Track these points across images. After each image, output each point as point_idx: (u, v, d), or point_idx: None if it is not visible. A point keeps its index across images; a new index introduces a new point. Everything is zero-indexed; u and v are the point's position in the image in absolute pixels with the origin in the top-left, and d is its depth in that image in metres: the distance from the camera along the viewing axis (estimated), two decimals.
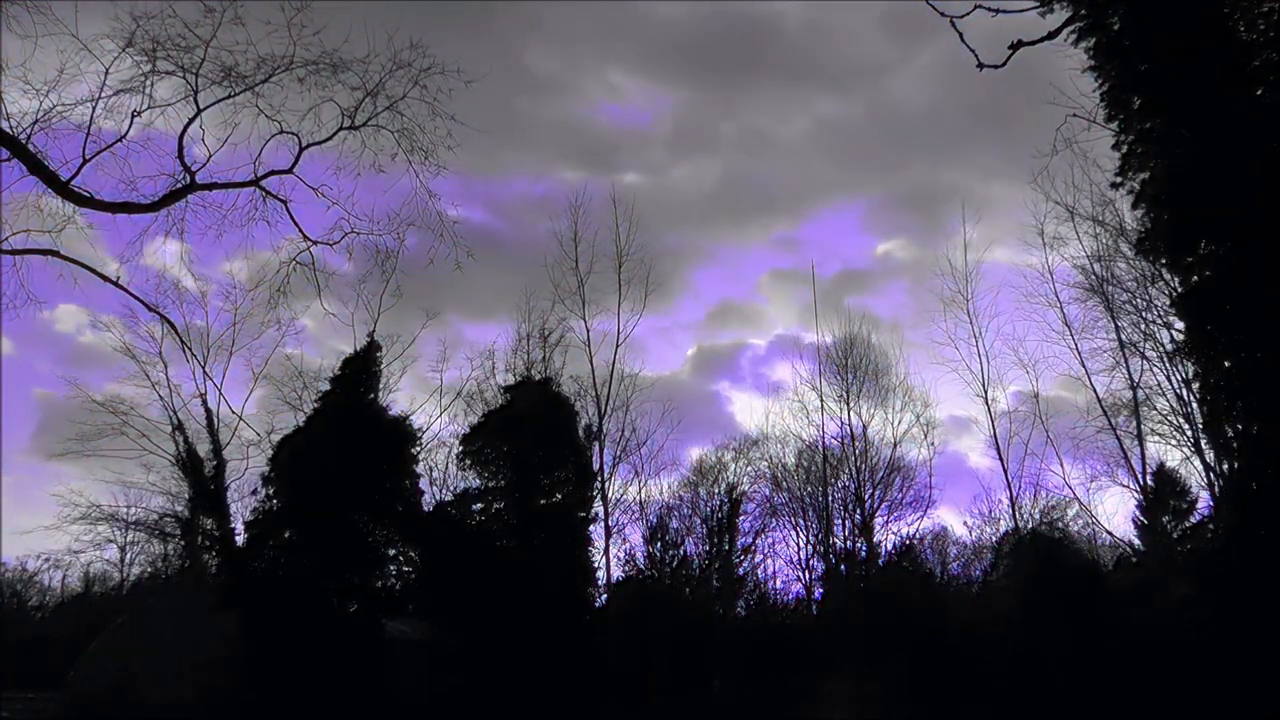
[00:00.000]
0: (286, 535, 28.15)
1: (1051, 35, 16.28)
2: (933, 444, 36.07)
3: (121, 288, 14.64)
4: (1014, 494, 33.73)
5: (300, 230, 15.63)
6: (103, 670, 29.67)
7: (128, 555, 44.80)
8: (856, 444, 35.26)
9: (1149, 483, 30.49)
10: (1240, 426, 16.81)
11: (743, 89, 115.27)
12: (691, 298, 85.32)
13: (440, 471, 33.17)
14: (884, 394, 36.63)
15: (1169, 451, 30.93)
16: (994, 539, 35.15)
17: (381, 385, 30.37)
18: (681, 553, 33.42)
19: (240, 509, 29.79)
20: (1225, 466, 22.30)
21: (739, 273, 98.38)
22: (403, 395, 33.05)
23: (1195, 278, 17.25)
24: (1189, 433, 28.98)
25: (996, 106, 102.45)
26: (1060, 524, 32.91)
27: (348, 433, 28.20)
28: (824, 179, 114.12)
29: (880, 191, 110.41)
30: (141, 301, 16.04)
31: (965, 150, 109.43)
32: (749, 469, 36.61)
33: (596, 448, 32.64)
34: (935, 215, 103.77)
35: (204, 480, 29.98)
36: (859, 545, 34.58)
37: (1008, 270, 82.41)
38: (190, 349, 26.23)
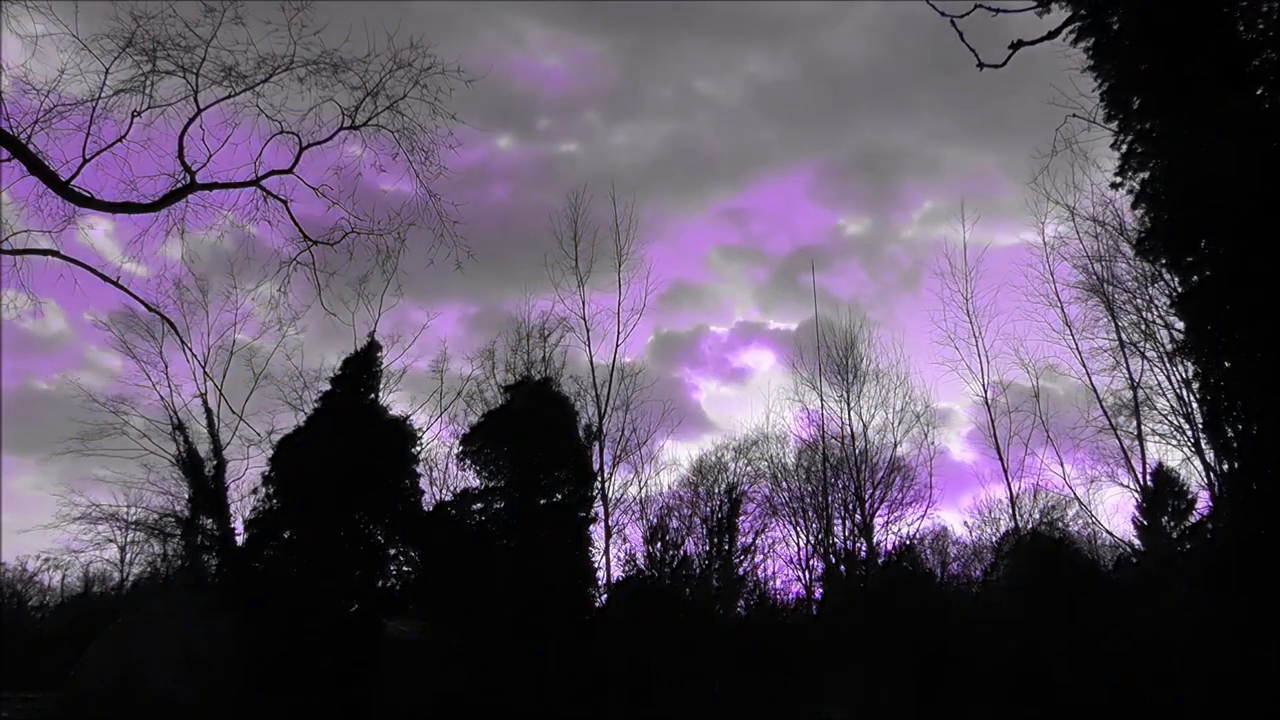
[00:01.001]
0: (286, 535, 28.18)
1: (1051, 35, 16.27)
2: (932, 444, 36.13)
3: (121, 288, 14.65)
4: (1013, 494, 33.82)
5: (300, 230, 15.65)
6: (105, 669, 29.71)
7: (128, 555, 44.80)
8: (856, 443, 35.31)
9: (1149, 483, 30.49)
10: (1240, 426, 16.80)
11: (664, 42, 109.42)
12: (642, 277, 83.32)
13: (440, 471, 33.21)
14: (884, 394, 36.66)
15: (1169, 451, 30.98)
16: (994, 539, 35.21)
17: (382, 385, 30.44)
18: (681, 553, 33.40)
19: (240, 509, 29.85)
20: (1225, 466, 22.28)
21: (684, 248, 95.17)
22: (403, 395, 33.01)
23: (1195, 278, 17.25)
24: (1189, 433, 28.99)
25: (940, 63, 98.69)
26: (1060, 524, 32.96)
27: (348, 433, 28.20)
28: (764, 144, 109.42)
29: (824, 156, 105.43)
30: (141, 301, 16.02)
31: (911, 110, 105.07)
32: (749, 469, 36.64)
33: (596, 447, 32.71)
34: (885, 182, 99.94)
35: (204, 480, 29.99)
36: (859, 545, 34.62)
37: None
38: (190, 349, 26.29)
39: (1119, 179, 18.03)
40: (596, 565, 31.00)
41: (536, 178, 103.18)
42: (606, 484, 32.96)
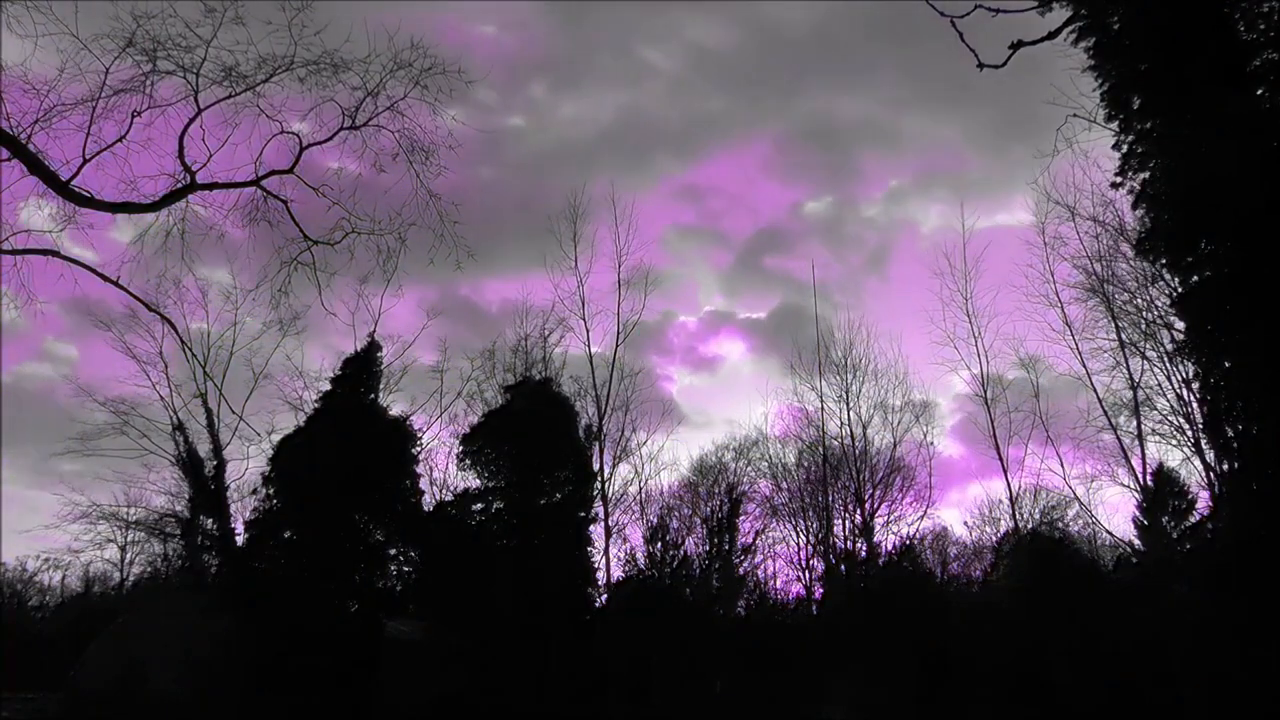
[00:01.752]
0: (286, 535, 28.17)
1: (1052, 35, 16.29)
2: (931, 444, 36.18)
3: (122, 288, 14.65)
4: (1013, 494, 33.83)
5: (301, 230, 15.64)
6: (105, 669, 29.71)
7: (128, 555, 44.84)
8: (857, 444, 35.33)
9: (1149, 483, 30.47)
10: (1240, 426, 16.80)
11: (598, 3, 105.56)
12: (598, 259, 79.51)
13: (440, 471, 33.21)
14: (881, 393, 36.70)
15: (1169, 451, 30.94)
16: (994, 539, 35.23)
17: (381, 385, 30.43)
18: (681, 553, 33.43)
19: (240, 509, 29.86)
20: (1225, 466, 22.26)
21: (640, 227, 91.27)
22: (403, 395, 32.86)
23: (1195, 278, 17.25)
24: (1189, 433, 28.96)
25: (890, 25, 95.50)
26: (1060, 524, 32.96)
27: (348, 433, 28.19)
28: (714, 115, 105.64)
29: (776, 127, 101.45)
30: (142, 302, 16.07)
31: (864, 76, 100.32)
32: (749, 469, 36.72)
33: (596, 448, 32.71)
34: (844, 155, 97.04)
35: (204, 480, 30.00)
36: (859, 545, 34.63)
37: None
38: (190, 349, 26.26)
39: (1119, 179, 18.05)
40: (596, 565, 31.06)
41: (482, 153, 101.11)
42: (606, 484, 33.02)
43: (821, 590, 35.42)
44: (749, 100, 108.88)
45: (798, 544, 35.82)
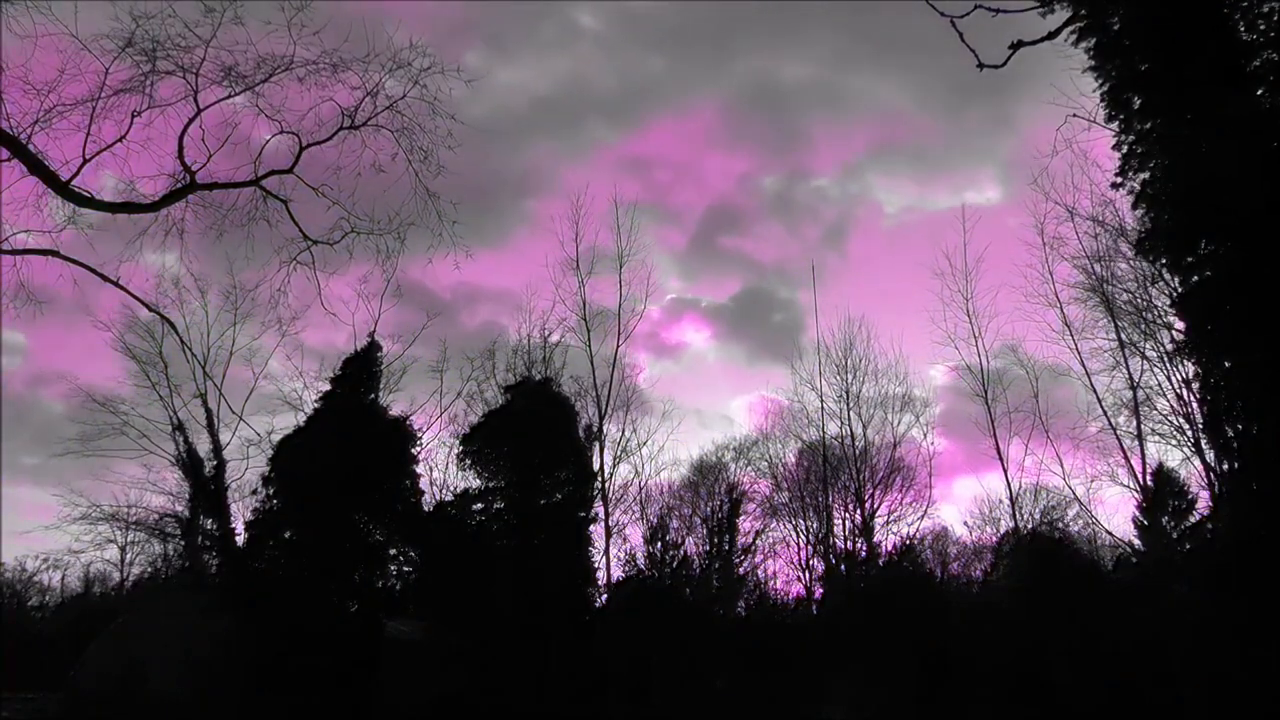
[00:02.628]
0: (286, 535, 28.15)
1: (1052, 35, 16.32)
2: (933, 443, 36.21)
3: (121, 288, 14.69)
4: (1013, 493, 33.83)
5: (300, 230, 15.67)
6: (105, 669, 29.70)
7: (128, 555, 44.84)
8: (857, 443, 35.35)
9: (1149, 483, 30.46)
10: (1240, 426, 16.80)
11: None
12: (551, 240, 71.19)
13: (440, 471, 33.20)
14: (881, 393, 36.69)
15: (1169, 451, 30.93)
16: (994, 539, 35.23)
17: (382, 385, 30.42)
18: (681, 553, 33.45)
19: (240, 509, 29.84)
20: (1225, 466, 22.24)
21: (586, 203, 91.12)
22: (403, 395, 32.74)
23: (1195, 278, 17.25)
24: (1189, 433, 28.95)
25: None
26: (1060, 524, 32.96)
27: (348, 433, 28.19)
28: (654, 80, 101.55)
29: (718, 92, 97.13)
30: (141, 301, 16.11)
31: (808, 33, 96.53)
32: (749, 469, 36.76)
33: (596, 448, 32.73)
34: (790, 121, 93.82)
35: (204, 480, 29.99)
36: (859, 545, 34.64)
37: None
38: (190, 349, 26.29)
39: (1119, 179, 18.06)
40: (596, 565, 31.05)
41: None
42: (607, 484, 33.03)
43: (821, 590, 35.45)
44: (687, 62, 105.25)
45: (797, 544, 35.87)
